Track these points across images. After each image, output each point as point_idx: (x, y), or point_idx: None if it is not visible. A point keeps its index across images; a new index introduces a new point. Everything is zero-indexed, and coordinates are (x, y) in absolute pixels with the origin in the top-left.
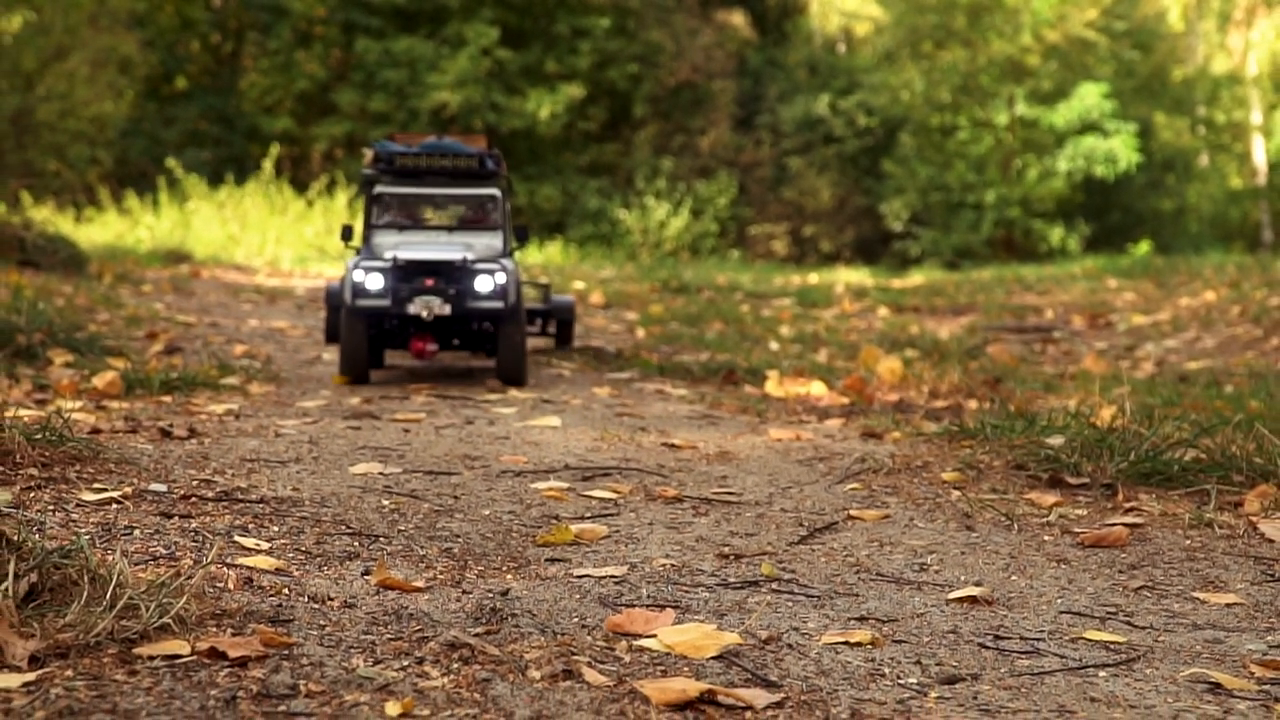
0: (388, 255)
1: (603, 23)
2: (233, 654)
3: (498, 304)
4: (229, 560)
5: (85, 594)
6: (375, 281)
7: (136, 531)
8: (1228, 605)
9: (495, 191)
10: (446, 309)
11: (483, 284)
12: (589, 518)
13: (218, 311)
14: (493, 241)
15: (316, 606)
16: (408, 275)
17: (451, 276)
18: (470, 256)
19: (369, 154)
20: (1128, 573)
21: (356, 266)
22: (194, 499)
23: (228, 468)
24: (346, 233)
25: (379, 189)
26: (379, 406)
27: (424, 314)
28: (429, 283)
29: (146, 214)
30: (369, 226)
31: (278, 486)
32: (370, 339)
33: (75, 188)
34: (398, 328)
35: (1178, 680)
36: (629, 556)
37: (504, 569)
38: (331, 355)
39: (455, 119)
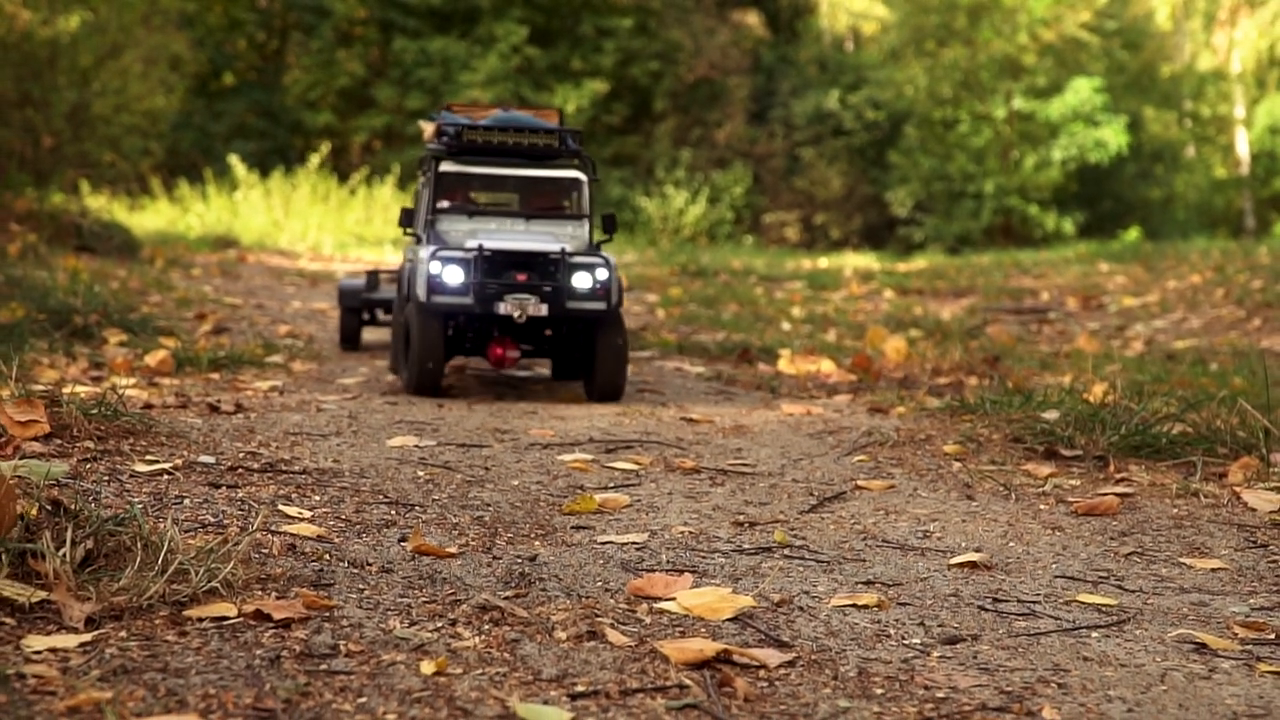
0: (469, 245)
1: (625, 23)
2: (277, 616)
3: (599, 305)
4: (273, 528)
5: (138, 559)
6: (455, 275)
7: (186, 501)
8: (1213, 570)
9: (581, 175)
10: (543, 309)
11: (582, 281)
12: (612, 488)
13: (263, 294)
14: (579, 231)
15: (356, 571)
16: (495, 269)
17: (547, 271)
18: (569, 248)
19: (429, 127)
20: (1119, 539)
21: (433, 257)
22: (240, 470)
23: (272, 441)
24: (407, 217)
25: (445, 167)
26: None
27: (516, 315)
28: (521, 278)
29: (196, 202)
30: (432, 211)
31: (319, 458)
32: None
33: (129, 178)
34: (472, 330)
35: (1166, 641)
36: (649, 524)
37: (532, 536)
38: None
39: None
